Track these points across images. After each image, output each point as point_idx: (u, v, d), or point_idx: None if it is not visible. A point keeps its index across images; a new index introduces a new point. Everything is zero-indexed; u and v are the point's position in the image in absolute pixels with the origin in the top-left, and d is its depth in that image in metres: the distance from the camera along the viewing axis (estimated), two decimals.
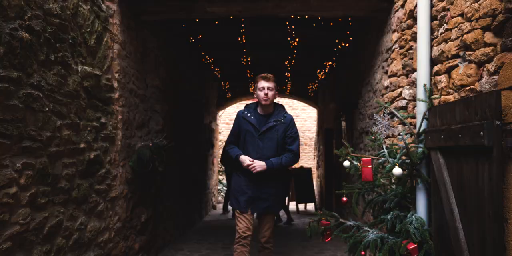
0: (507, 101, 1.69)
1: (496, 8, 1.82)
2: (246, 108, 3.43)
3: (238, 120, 3.40)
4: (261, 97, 3.24)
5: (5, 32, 1.88)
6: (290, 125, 3.35)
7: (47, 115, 2.27)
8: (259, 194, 3.27)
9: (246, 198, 3.27)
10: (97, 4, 3.05)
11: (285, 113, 3.39)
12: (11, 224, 1.98)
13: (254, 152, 3.26)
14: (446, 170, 2.18)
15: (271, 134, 3.25)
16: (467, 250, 1.93)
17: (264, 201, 3.29)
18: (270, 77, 3.28)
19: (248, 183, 3.29)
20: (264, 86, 3.23)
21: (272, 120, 3.29)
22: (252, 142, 3.28)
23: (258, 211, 3.32)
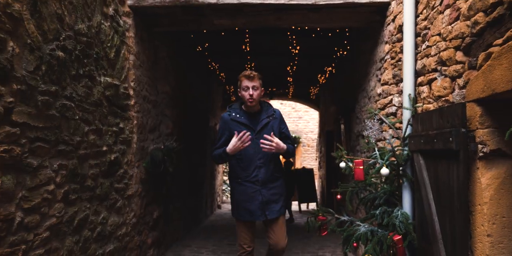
0: (471, 112, 2.00)
1: (464, 32, 2.13)
2: (231, 109, 3.13)
3: (225, 125, 3.08)
4: (246, 98, 2.98)
5: (46, 52, 2.22)
6: (281, 119, 3.19)
7: (77, 122, 2.60)
8: (270, 197, 3.03)
9: (258, 205, 2.99)
10: (115, 20, 3.38)
11: (273, 108, 3.18)
12: (49, 216, 2.31)
13: (255, 154, 2.99)
14: (425, 171, 2.49)
15: (268, 130, 2.99)
16: (441, 239, 2.24)
17: (276, 204, 3.06)
18: (254, 75, 3.00)
19: (255, 189, 3.01)
20: (249, 85, 2.96)
21: (265, 117, 3.07)
22: (249, 143, 2.95)
23: (273, 215, 3.02)
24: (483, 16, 1.94)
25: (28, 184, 2.09)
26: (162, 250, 4.78)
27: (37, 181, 2.17)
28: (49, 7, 2.26)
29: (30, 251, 2.13)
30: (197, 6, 3.84)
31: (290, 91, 9.60)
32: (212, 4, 3.81)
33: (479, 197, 1.96)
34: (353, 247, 2.95)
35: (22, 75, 2.01)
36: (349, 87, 5.67)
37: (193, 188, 6.76)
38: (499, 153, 1.91)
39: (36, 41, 2.13)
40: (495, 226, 1.90)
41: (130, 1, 3.78)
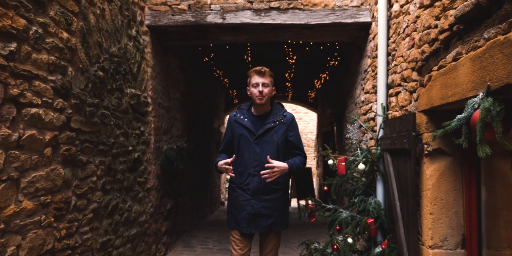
0: (420, 120, 2.61)
1: (417, 57, 2.74)
2: (238, 110, 2.90)
3: (230, 125, 2.87)
4: (255, 95, 2.72)
5: (91, 73, 2.84)
6: (291, 125, 2.83)
7: (112, 127, 3.23)
8: (260, 209, 2.69)
9: (245, 216, 2.69)
10: (137, 40, 4.00)
11: (284, 111, 2.85)
12: (93, 201, 2.93)
13: (250, 160, 2.71)
14: (391, 166, 3.10)
15: (269, 137, 2.72)
16: (401, 218, 2.85)
17: (267, 218, 2.70)
18: (266, 71, 2.75)
19: (245, 198, 2.71)
20: (259, 82, 2.71)
21: (270, 121, 2.76)
22: (247, 148, 2.73)
23: (258, 230, 2.71)
24: (428, 47, 2.55)
25: (79, 175, 2.72)
26: (173, 239, 5.40)
27: (85, 173, 2.79)
28: (93, 37, 2.89)
29: (80, 227, 2.75)
30: (205, 25, 4.47)
31: (289, 94, 10.22)
32: (218, 24, 4.43)
33: (425, 185, 2.57)
34: (336, 229, 3.57)
35: (77, 92, 2.63)
36: (340, 93, 6.28)
37: (199, 185, 7.38)
38: (439, 151, 2.52)
39: (85, 65, 2.75)
40: (436, 206, 2.51)
41: (148, 21, 4.40)
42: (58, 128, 2.42)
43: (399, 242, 2.85)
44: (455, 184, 2.52)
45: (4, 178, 1.95)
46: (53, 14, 2.35)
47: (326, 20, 4.40)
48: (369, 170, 3.51)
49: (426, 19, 2.56)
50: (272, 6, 4.44)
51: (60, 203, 2.45)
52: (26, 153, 2.12)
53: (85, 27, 2.76)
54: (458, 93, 2.05)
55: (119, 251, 3.44)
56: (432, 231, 2.51)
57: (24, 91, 2.08)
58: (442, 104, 2.29)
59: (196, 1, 4.49)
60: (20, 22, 2.03)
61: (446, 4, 2.23)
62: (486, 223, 2.46)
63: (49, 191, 2.33)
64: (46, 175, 2.30)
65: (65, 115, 2.49)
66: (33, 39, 2.15)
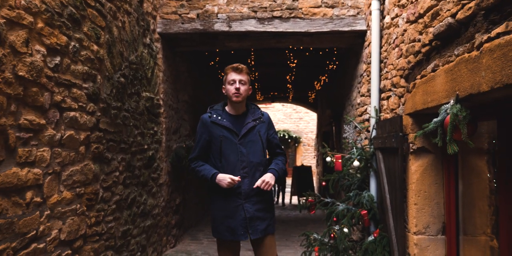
0: (406, 122, 2.97)
1: (404, 66, 3.09)
2: (212, 110, 2.72)
3: (204, 128, 2.66)
4: (232, 92, 2.57)
5: (115, 80, 3.19)
6: (270, 124, 2.76)
7: (131, 127, 3.58)
8: (254, 212, 2.56)
9: (241, 222, 2.54)
10: (151, 47, 4.36)
11: (260, 110, 2.76)
12: (115, 194, 3.29)
13: (238, 162, 2.56)
14: (382, 163, 3.45)
15: (253, 136, 2.61)
16: (390, 209, 3.21)
17: (262, 221, 2.59)
18: (243, 68, 2.61)
19: (238, 203, 2.55)
20: (235, 79, 2.57)
21: (251, 120, 2.64)
22: (232, 149, 2.57)
23: (256, 235, 2.55)
24: (413, 58, 2.90)
25: (105, 170, 3.07)
26: (181, 232, 5.75)
27: (110, 169, 3.15)
28: (116, 48, 3.24)
29: (105, 217, 3.10)
30: (212, 33, 4.82)
31: (290, 95, 10.57)
32: (224, 31, 4.79)
33: (410, 179, 2.92)
34: (333, 220, 3.92)
35: (104, 97, 2.99)
36: (339, 95, 6.63)
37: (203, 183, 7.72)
38: (423, 150, 2.87)
39: (110, 72, 3.11)
40: (420, 198, 2.86)
41: (159, 29, 4.76)
42: (90, 128, 2.78)
43: (389, 230, 3.21)
44: (436, 178, 2.87)
45: (50, 171, 2.30)
46: (86, 30, 2.70)
47: (324, 28, 4.75)
48: (363, 167, 3.86)
49: (411, 33, 2.91)
50: (275, 15, 4.79)
51: (91, 194, 2.81)
52: (66, 151, 2.47)
53: (110, 39, 3.11)
54: (436, 100, 2.41)
55: (136, 240, 3.79)
56: (416, 220, 2.86)
57: (65, 97, 2.44)
58: (423, 108, 2.64)
59: (204, 10, 4.84)
60: (62, 39, 2.38)
61: (427, 22, 2.58)
62: (463, 212, 2.81)
63: (82, 183, 2.69)
64: (80, 169, 2.65)
65: (95, 118, 2.84)
66: (72, 53, 2.50)
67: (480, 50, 1.86)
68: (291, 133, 18.48)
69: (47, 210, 2.28)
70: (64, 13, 2.41)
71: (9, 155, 1.96)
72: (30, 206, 2.12)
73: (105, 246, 3.08)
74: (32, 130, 2.13)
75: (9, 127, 1.94)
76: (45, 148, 2.25)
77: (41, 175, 2.21)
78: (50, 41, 2.25)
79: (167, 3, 4.86)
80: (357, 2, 4.78)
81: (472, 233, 2.84)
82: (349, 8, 4.79)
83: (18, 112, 2.01)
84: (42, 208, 2.24)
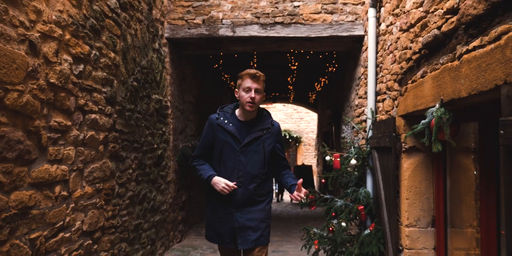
0: (399, 123, 3.20)
1: (398, 71, 3.33)
2: (221, 112, 2.61)
3: (210, 128, 2.57)
4: (246, 100, 2.46)
5: (129, 84, 3.44)
6: (278, 136, 2.65)
7: (143, 128, 3.83)
8: (245, 222, 2.45)
9: (228, 230, 2.44)
10: (159, 52, 4.60)
11: (271, 120, 2.63)
12: (129, 190, 3.53)
13: (234, 170, 2.47)
14: (378, 161, 3.69)
15: (257, 146, 2.50)
16: (385, 204, 3.45)
17: (254, 232, 2.46)
18: (260, 76, 2.49)
19: (228, 211, 2.46)
20: (251, 87, 2.46)
21: (258, 129, 2.53)
22: (231, 156, 2.49)
23: (246, 245, 2.43)
24: (405, 64, 3.13)
25: (121, 168, 3.32)
26: (187, 228, 6.00)
27: (124, 167, 3.39)
28: (130, 54, 3.49)
29: (120, 211, 3.35)
30: (217, 38, 5.07)
31: (291, 96, 10.81)
32: (229, 36, 5.03)
33: (402, 176, 3.16)
34: (332, 215, 4.16)
35: (119, 100, 3.23)
36: (338, 97, 6.87)
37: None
38: (414, 149, 3.11)
39: (125, 77, 3.35)
40: (411, 193, 3.10)
41: (167, 34, 5.00)
42: (108, 129, 3.02)
43: (383, 224, 3.45)
44: (426, 175, 3.11)
45: (75, 168, 2.55)
46: (104, 39, 2.95)
47: (324, 33, 4.99)
48: (360, 165, 4.10)
49: (404, 41, 3.15)
50: (277, 21, 5.04)
51: (108, 190, 3.06)
52: (88, 149, 2.72)
53: (124, 46, 3.36)
54: (424, 103, 2.64)
55: (146, 234, 4.04)
56: (408, 213, 3.10)
57: (87, 101, 2.68)
58: (414, 111, 2.88)
59: (209, 16, 5.09)
60: (85, 48, 2.63)
61: (417, 32, 2.82)
62: (451, 207, 3.05)
63: (101, 179, 2.94)
64: (100, 167, 2.90)
65: (112, 119, 3.09)
66: (93, 60, 2.75)
67: (460, 60, 2.10)
68: (292, 133, 18.71)
69: (72, 203, 2.53)
70: (87, 25, 2.65)
71: (42, 153, 2.20)
72: (58, 199, 2.37)
73: (119, 238, 3.33)
74: (60, 131, 2.37)
75: (41, 128, 2.18)
76: (71, 147, 2.49)
77: (67, 171, 2.46)
78: (76, 50, 2.50)
79: (174, 9, 5.10)
80: (355, 8, 5.02)
81: (459, 226, 3.07)
82: (348, 14, 5.03)
83: (49, 115, 2.25)
84: (68, 201, 2.48)
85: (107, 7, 3.00)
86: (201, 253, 4.94)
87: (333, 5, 5.04)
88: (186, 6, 5.12)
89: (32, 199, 2.10)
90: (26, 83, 2.01)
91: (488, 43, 1.82)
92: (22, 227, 2.02)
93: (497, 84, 1.71)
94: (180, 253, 4.88)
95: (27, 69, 2.00)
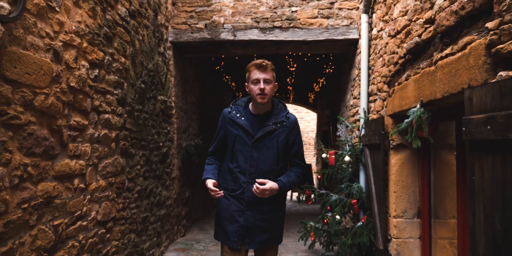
0: (387, 122, 3.46)
1: (387, 74, 3.58)
2: (234, 106, 2.51)
3: (223, 122, 2.50)
4: (256, 92, 2.33)
5: (137, 86, 3.71)
6: (294, 130, 2.48)
7: (149, 127, 4.09)
8: (255, 222, 2.38)
9: (236, 228, 2.37)
10: (164, 55, 4.86)
11: (287, 112, 2.50)
12: (137, 185, 3.80)
13: (246, 165, 2.38)
14: (369, 157, 3.95)
15: (270, 141, 2.39)
16: (375, 197, 3.70)
17: (262, 232, 2.39)
18: (267, 65, 2.36)
19: (239, 208, 2.38)
20: (259, 78, 2.33)
21: (271, 123, 2.41)
22: (243, 151, 2.39)
23: (253, 246, 2.39)
24: (393, 67, 3.39)
25: (130, 164, 3.58)
26: (190, 223, 6.26)
27: (133, 163, 3.66)
28: (138, 58, 3.75)
29: (129, 204, 3.61)
30: (219, 41, 5.33)
31: (291, 96, 11.07)
32: (230, 40, 5.29)
33: (390, 171, 3.42)
34: (327, 209, 4.42)
35: (129, 101, 3.50)
36: (335, 97, 7.13)
37: None
38: (401, 146, 3.36)
39: (134, 80, 3.62)
40: (398, 186, 3.36)
41: (171, 38, 5.26)
42: (119, 128, 3.29)
43: (374, 216, 3.71)
44: (412, 170, 3.37)
45: (91, 163, 2.82)
46: (116, 45, 3.21)
47: (321, 37, 5.25)
48: (354, 162, 4.36)
49: (391, 46, 3.41)
50: (276, 25, 5.30)
51: (119, 184, 3.32)
52: (101, 146, 2.99)
53: (133, 51, 3.62)
54: (408, 104, 2.90)
55: (153, 226, 4.30)
56: (395, 205, 3.36)
57: (101, 102, 2.95)
58: (400, 111, 3.14)
59: (211, 21, 5.35)
60: (100, 54, 2.89)
61: (403, 38, 3.07)
62: (435, 199, 3.30)
63: (113, 174, 3.20)
64: (112, 162, 3.16)
65: (123, 119, 3.35)
66: (106, 65, 3.01)
67: (436, 65, 2.36)
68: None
69: (88, 195, 2.79)
70: (101, 33, 2.92)
71: (63, 149, 2.47)
72: (76, 191, 2.63)
73: (129, 229, 3.59)
74: (78, 129, 2.64)
75: (63, 127, 2.45)
76: (87, 144, 2.76)
77: (84, 166, 2.72)
78: (92, 57, 2.76)
79: (178, 14, 5.37)
80: (350, 13, 5.28)
81: (443, 217, 3.33)
82: (343, 18, 5.29)
83: (69, 115, 2.52)
84: (84, 193, 2.75)
85: (118, 16, 3.26)
86: (204, 246, 5.21)
87: (329, 10, 5.30)
88: (189, 11, 5.38)
89: (55, 190, 2.36)
90: (51, 87, 2.28)
91: (457, 51, 2.08)
92: (47, 214, 2.28)
93: (463, 88, 1.97)
94: (184, 246, 5.14)
95: (51, 74, 2.27)
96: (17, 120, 1.98)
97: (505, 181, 1.52)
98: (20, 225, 2.03)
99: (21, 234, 2.05)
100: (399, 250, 3.32)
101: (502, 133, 1.50)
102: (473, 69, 1.87)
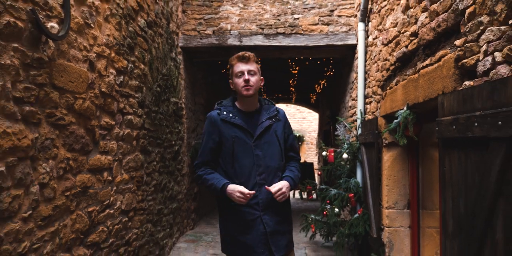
0: (380, 122, 3.82)
1: (380, 78, 3.95)
2: (222, 107, 2.34)
3: (214, 127, 2.29)
4: (241, 85, 2.21)
5: (154, 90, 4.09)
6: (286, 122, 2.44)
7: (164, 127, 4.47)
8: (275, 226, 2.23)
9: (260, 237, 2.19)
10: (175, 60, 5.24)
11: (276, 107, 2.42)
12: (153, 179, 4.18)
13: (253, 166, 2.23)
14: (365, 155, 4.32)
15: (270, 136, 2.29)
16: (370, 191, 4.07)
17: (283, 235, 2.27)
18: (250, 56, 2.24)
19: (255, 215, 2.21)
20: (243, 69, 2.21)
21: (265, 118, 2.31)
22: (246, 152, 2.23)
23: (281, 251, 2.23)
24: (385, 73, 3.75)
25: (147, 160, 3.96)
26: (198, 217, 6.64)
27: (150, 159, 4.04)
28: (154, 64, 4.13)
29: (147, 196, 3.99)
30: (226, 47, 5.70)
31: (293, 97, 11.44)
32: (236, 45, 5.66)
33: (383, 166, 3.78)
34: (326, 203, 4.79)
35: (147, 103, 3.88)
36: (335, 98, 7.50)
37: None
38: (393, 144, 3.72)
39: (151, 84, 4.00)
40: (390, 181, 3.72)
41: (181, 43, 5.64)
42: (139, 128, 3.67)
43: (369, 207, 4.07)
44: (403, 166, 3.73)
45: (116, 158, 3.20)
46: (137, 54, 3.59)
47: (321, 43, 5.62)
48: (351, 159, 4.73)
49: (384, 54, 3.77)
50: (279, 31, 5.67)
51: (139, 178, 3.70)
52: (125, 144, 3.36)
53: (150, 58, 4.00)
54: (397, 106, 3.27)
55: (166, 218, 4.68)
56: (387, 198, 3.73)
57: (125, 105, 3.33)
58: (391, 112, 3.51)
59: (219, 27, 5.72)
60: (124, 62, 3.27)
61: (393, 47, 3.44)
62: (423, 192, 3.67)
63: (134, 169, 3.58)
64: (133, 158, 3.54)
65: (142, 119, 3.73)
66: (129, 72, 3.39)
67: (419, 73, 2.72)
68: (295, 132, 19.30)
69: (114, 186, 3.17)
70: (125, 43, 3.30)
71: (95, 146, 2.85)
72: (105, 183, 3.01)
73: (146, 219, 3.97)
74: (107, 128, 3.02)
75: (95, 127, 2.83)
76: (114, 142, 3.14)
77: (111, 161, 3.10)
78: (118, 65, 3.14)
79: (187, 21, 5.74)
80: (349, 20, 5.64)
81: (430, 208, 3.69)
82: (342, 25, 5.65)
83: (100, 116, 2.90)
84: (111, 185, 3.13)
85: (138, 27, 3.64)
86: (212, 238, 5.58)
87: (329, 17, 5.66)
88: (198, 19, 5.76)
89: (89, 181, 2.74)
90: (87, 92, 2.65)
91: (434, 62, 2.45)
92: (83, 202, 2.66)
93: (438, 94, 2.34)
94: (193, 238, 5.52)
95: (88, 81, 2.65)
96: (62, 121, 2.36)
97: (466, 172, 1.89)
98: (63, 210, 2.41)
99: (64, 217, 2.43)
100: (390, 238, 3.68)
101: (463, 132, 1.86)
102: (446, 78, 2.24)
